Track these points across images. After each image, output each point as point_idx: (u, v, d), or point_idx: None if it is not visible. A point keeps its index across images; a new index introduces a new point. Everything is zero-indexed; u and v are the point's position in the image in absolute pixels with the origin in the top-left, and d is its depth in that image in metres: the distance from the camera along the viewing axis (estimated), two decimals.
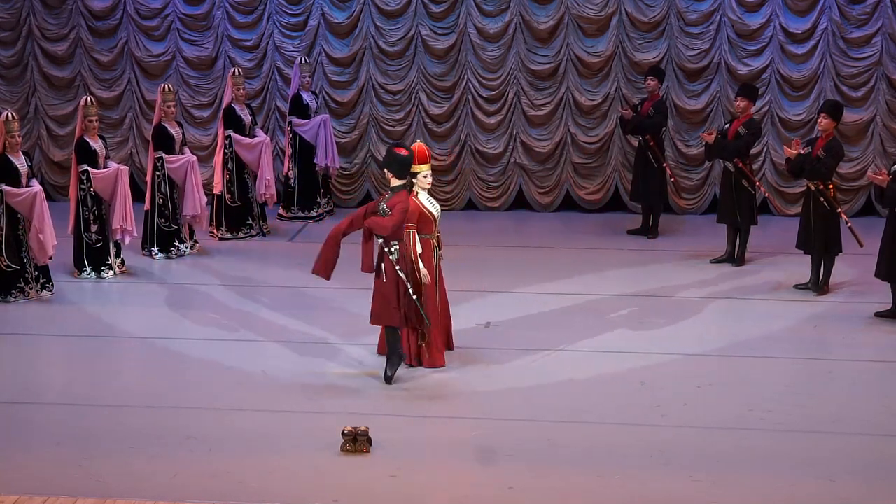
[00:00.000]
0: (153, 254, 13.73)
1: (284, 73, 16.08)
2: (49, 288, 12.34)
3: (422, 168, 10.28)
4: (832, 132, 12.26)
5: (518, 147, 16.06)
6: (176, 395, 9.89)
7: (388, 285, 9.93)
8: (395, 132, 16.16)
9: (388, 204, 9.95)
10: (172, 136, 13.68)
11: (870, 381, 10.36)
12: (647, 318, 11.70)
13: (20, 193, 11.99)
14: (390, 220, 9.83)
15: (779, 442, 8.96)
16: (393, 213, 9.84)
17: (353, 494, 8.17)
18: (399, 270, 9.89)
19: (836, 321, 11.65)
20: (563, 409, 9.60)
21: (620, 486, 8.28)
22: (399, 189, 10.04)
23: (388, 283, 9.93)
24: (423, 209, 10.31)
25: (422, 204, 10.32)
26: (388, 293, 9.95)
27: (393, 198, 9.97)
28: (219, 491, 8.16)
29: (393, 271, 9.92)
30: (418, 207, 10.27)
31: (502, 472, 8.51)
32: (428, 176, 10.35)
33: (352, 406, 9.57)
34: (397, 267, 9.90)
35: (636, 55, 15.66)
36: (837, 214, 12.20)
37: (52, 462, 8.62)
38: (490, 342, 11.06)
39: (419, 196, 10.32)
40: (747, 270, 13.28)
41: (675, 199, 15.73)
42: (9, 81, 16.52)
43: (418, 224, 10.26)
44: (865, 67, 15.38)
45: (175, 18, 16.21)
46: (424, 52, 15.99)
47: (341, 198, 16.29)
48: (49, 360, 11.02)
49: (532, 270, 13.17)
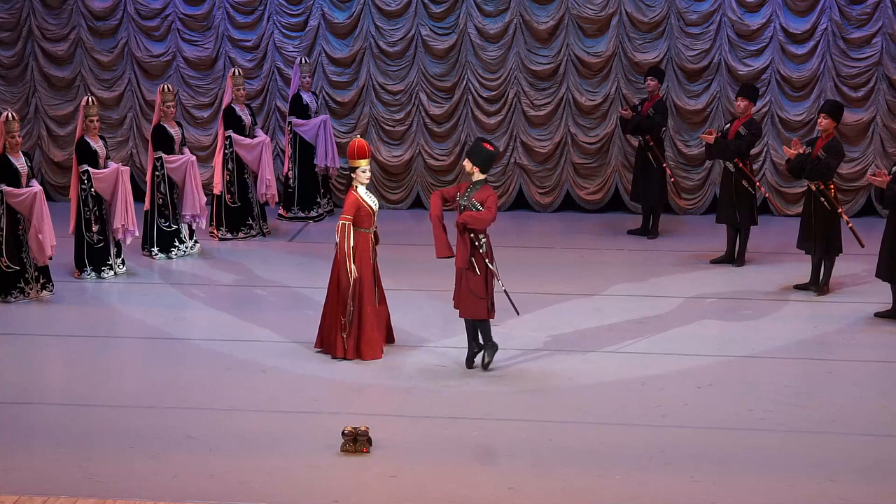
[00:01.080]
0: (153, 254, 13.73)
1: (284, 74, 16.08)
2: (49, 288, 12.34)
3: (360, 163, 10.44)
4: (832, 132, 12.26)
5: (518, 147, 16.07)
6: (176, 395, 9.90)
7: (479, 278, 10.08)
8: (396, 132, 16.17)
9: (476, 198, 10.08)
10: (172, 137, 13.68)
11: (870, 381, 10.37)
12: (647, 318, 11.70)
13: (20, 194, 11.99)
14: (488, 214, 10.01)
15: (779, 442, 8.97)
16: (489, 207, 10.01)
17: (353, 494, 8.18)
18: (489, 263, 10.06)
19: (836, 321, 11.65)
20: (563, 409, 9.60)
21: (620, 486, 8.29)
22: (482, 183, 10.15)
23: (479, 277, 10.08)
24: (363, 203, 10.44)
25: (361, 198, 10.44)
26: (478, 286, 10.07)
27: (479, 192, 10.10)
28: (219, 491, 8.16)
29: (483, 264, 10.06)
30: (358, 201, 10.40)
31: (502, 472, 8.51)
32: (367, 171, 10.50)
33: (352, 406, 9.58)
34: (487, 260, 10.09)
35: (636, 55, 15.66)
36: (838, 215, 12.20)
37: (52, 462, 8.62)
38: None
39: (358, 190, 10.45)
40: (747, 270, 13.28)
41: (675, 199, 15.73)
42: (9, 82, 16.52)
43: (357, 218, 10.38)
44: (865, 68, 15.38)
45: (175, 19, 16.21)
46: (424, 53, 15.99)
47: (341, 198, 16.27)
48: (49, 360, 11.01)
49: (532, 270, 13.17)
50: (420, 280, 12.79)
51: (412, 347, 10.93)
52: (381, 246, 10.80)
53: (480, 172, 10.17)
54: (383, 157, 16.23)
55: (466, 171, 10.28)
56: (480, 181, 10.17)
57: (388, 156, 16.23)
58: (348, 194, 10.44)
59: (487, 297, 10.13)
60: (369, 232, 10.53)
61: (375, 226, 10.62)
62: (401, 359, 10.67)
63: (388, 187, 16.32)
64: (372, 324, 10.53)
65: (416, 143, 16.20)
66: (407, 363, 10.58)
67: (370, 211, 10.48)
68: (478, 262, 10.11)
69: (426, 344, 11.01)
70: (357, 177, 10.43)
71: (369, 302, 10.49)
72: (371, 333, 10.53)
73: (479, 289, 10.09)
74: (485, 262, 10.10)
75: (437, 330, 11.34)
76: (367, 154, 10.52)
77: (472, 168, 10.17)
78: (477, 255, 10.11)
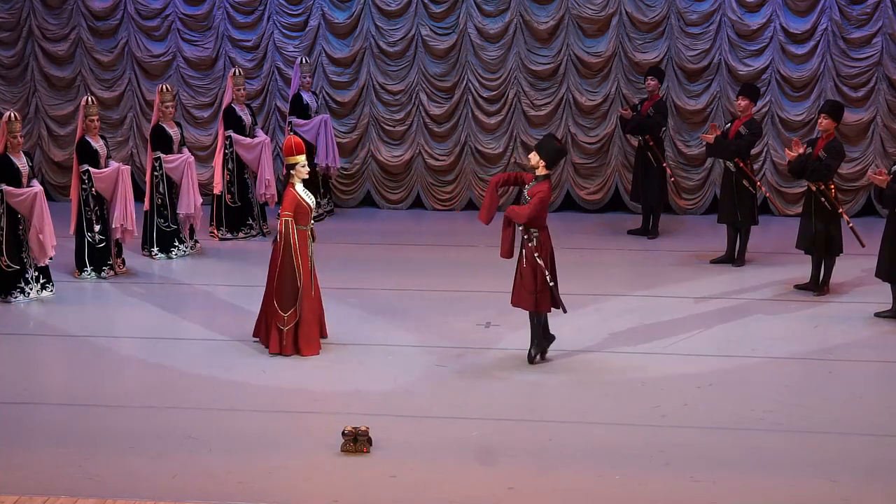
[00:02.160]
0: (153, 254, 13.73)
1: (285, 74, 16.08)
2: (49, 288, 12.34)
3: (298, 159, 10.57)
4: (833, 132, 12.26)
5: (518, 147, 16.07)
6: (176, 395, 9.90)
7: (527, 270, 10.14)
8: (396, 132, 16.17)
9: (529, 192, 10.14)
10: (170, 137, 13.68)
11: (870, 381, 10.37)
12: (647, 318, 11.70)
13: (21, 193, 11.99)
14: (527, 208, 10.05)
15: (779, 442, 8.97)
16: (532, 201, 10.04)
17: (353, 494, 8.18)
18: (537, 257, 10.09)
19: (836, 321, 11.65)
20: (563, 409, 9.61)
21: (620, 486, 8.29)
22: (543, 179, 10.16)
23: (527, 268, 10.14)
24: (300, 200, 10.53)
25: (299, 195, 10.54)
26: (527, 278, 10.15)
27: (535, 186, 10.14)
28: (219, 491, 8.16)
29: (532, 257, 10.08)
30: (296, 198, 10.49)
31: (502, 472, 8.51)
32: (305, 166, 10.62)
33: (352, 406, 9.58)
34: (536, 254, 10.10)
35: (636, 55, 15.66)
36: (839, 215, 12.20)
37: (52, 462, 8.63)
38: (490, 342, 11.06)
39: (296, 187, 10.55)
40: (747, 270, 13.28)
41: (675, 199, 15.73)
42: (9, 82, 16.52)
43: (296, 214, 10.46)
44: (866, 68, 15.38)
45: (175, 19, 16.21)
46: (425, 53, 15.99)
47: (341, 198, 16.30)
48: (49, 360, 11.02)
49: None
50: (420, 280, 12.80)
51: (412, 347, 10.92)
52: (381, 246, 10.81)
53: (545, 168, 10.16)
54: (383, 156, 16.23)
55: (531, 164, 10.25)
56: (543, 176, 10.17)
57: (388, 156, 16.23)
58: (287, 191, 10.55)
59: (536, 291, 10.16)
60: (306, 229, 10.62)
61: (312, 223, 10.70)
62: (400, 359, 10.67)
63: (388, 187, 16.32)
64: (310, 320, 10.64)
65: (416, 143, 16.20)
66: (407, 363, 10.57)
67: (308, 208, 10.59)
68: (527, 254, 10.16)
69: (426, 344, 11.00)
70: (296, 173, 10.57)
71: (307, 298, 10.58)
72: (309, 330, 10.64)
73: (529, 281, 10.17)
74: (533, 255, 10.12)
75: (436, 329, 11.34)
76: (303, 150, 10.69)
77: (537, 162, 10.15)
78: (527, 248, 10.16)
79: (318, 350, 10.68)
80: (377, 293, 12.48)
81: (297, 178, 10.57)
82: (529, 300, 10.22)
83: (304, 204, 10.55)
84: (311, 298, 10.62)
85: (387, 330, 11.36)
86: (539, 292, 10.17)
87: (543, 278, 10.15)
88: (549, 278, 10.15)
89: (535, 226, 10.14)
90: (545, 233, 10.24)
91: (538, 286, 10.16)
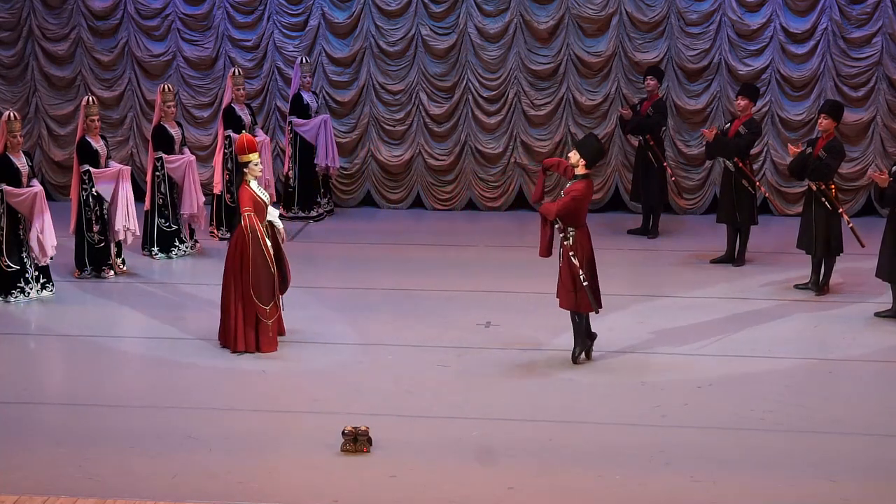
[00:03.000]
0: (153, 254, 13.73)
1: (285, 73, 16.08)
2: (49, 288, 12.34)
3: (251, 157, 10.67)
4: (833, 132, 12.26)
5: (518, 147, 16.07)
6: (176, 395, 9.90)
7: (565, 269, 10.19)
8: (396, 132, 16.17)
9: (565, 190, 10.21)
10: (172, 137, 13.68)
11: (870, 381, 10.37)
12: (647, 318, 11.70)
13: (21, 193, 11.99)
14: (556, 205, 10.12)
15: (779, 442, 8.97)
16: (563, 198, 10.09)
17: (353, 494, 8.18)
18: (573, 257, 10.10)
19: (836, 321, 11.65)
20: (563, 409, 9.60)
21: (620, 486, 8.29)
22: (581, 178, 10.18)
23: (564, 268, 10.19)
24: (256, 197, 10.62)
25: (254, 192, 10.63)
26: (565, 278, 10.21)
27: (573, 184, 10.18)
28: (219, 491, 8.16)
29: (567, 257, 10.14)
30: (252, 195, 10.58)
31: (502, 472, 8.50)
32: (259, 164, 10.77)
33: (352, 406, 9.58)
34: (571, 253, 10.11)
35: (636, 55, 15.66)
36: (839, 215, 12.20)
37: (52, 462, 8.62)
38: (490, 342, 11.06)
39: (251, 184, 10.64)
40: (747, 270, 13.28)
41: (675, 199, 15.73)
42: (9, 81, 16.52)
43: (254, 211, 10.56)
44: (866, 67, 15.38)
45: (175, 18, 16.21)
46: (425, 52, 15.99)
47: (341, 198, 16.29)
48: (49, 360, 11.02)
49: (532, 270, 13.14)
50: (420, 280, 12.80)
51: (412, 347, 10.92)
52: (381, 246, 10.81)
53: (585, 167, 10.18)
54: (383, 156, 16.23)
55: (571, 162, 10.26)
56: (581, 175, 10.18)
57: (388, 155, 16.23)
58: (241, 189, 10.63)
59: (575, 290, 10.17)
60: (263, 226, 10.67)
61: (268, 220, 10.74)
62: (400, 359, 10.67)
63: (388, 187, 16.32)
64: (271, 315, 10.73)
65: (416, 142, 16.20)
66: (406, 363, 10.57)
67: (263, 204, 10.67)
68: (563, 252, 10.18)
69: (426, 344, 11.00)
70: (250, 171, 10.66)
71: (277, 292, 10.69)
72: (271, 327, 10.68)
73: (567, 281, 10.19)
74: (568, 255, 10.13)
75: (437, 329, 11.34)
76: (256, 147, 10.79)
77: (578, 160, 10.16)
78: (563, 248, 10.17)
79: (276, 347, 10.73)
80: (377, 293, 12.48)
81: (250, 175, 10.66)
82: (569, 300, 10.24)
83: (260, 201, 10.65)
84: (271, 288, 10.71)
85: (386, 330, 11.35)
86: (578, 291, 10.17)
87: (579, 279, 10.14)
88: (583, 278, 10.12)
89: (571, 225, 10.13)
90: (583, 232, 10.23)
91: (576, 286, 10.16)
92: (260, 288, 10.55)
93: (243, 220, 10.52)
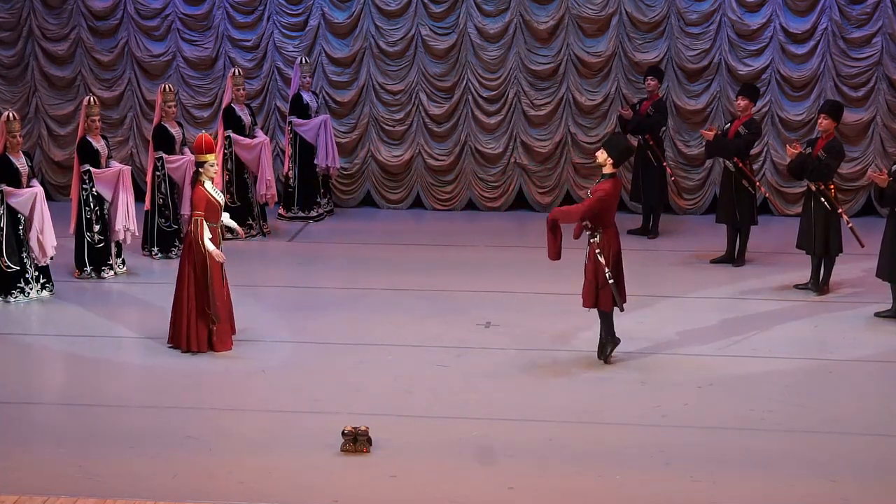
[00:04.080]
0: (153, 254, 13.73)
1: (284, 73, 16.08)
2: (49, 288, 12.34)
3: (208, 157, 10.68)
4: (832, 132, 12.26)
5: (518, 147, 16.07)
6: (176, 395, 9.89)
7: (590, 267, 10.25)
8: (396, 132, 16.17)
9: (592, 190, 10.26)
10: (173, 137, 13.69)
11: (870, 381, 10.37)
12: (646, 318, 11.69)
13: (20, 194, 11.99)
14: (582, 205, 10.20)
15: (779, 442, 8.97)
16: (590, 197, 10.12)
17: (353, 494, 8.17)
18: (599, 255, 10.14)
19: (836, 321, 11.65)
20: (563, 409, 9.60)
21: (620, 486, 8.28)
22: (609, 177, 10.19)
23: (589, 266, 10.25)
24: (210, 198, 10.64)
25: (209, 193, 10.65)
26: (590, 276, 10.27)
27: (600, 184, 10.20)
28: (219, 491, 8.16)
29: (594, 255, 10.19)
30: (206, 196, 10.59)
31: (502, 472, 8.50)
32: (215, 165, 10.80)
33: (352, 406, 9.57)
34: (598, 251, 10.15)
35: (636, 55, 15.66)
36: (838, 215, 12.20)
37: (52, 462, 8.62)
38: (489, 342, 11.06)
39: (205, 185, 10.66)
40: (747, 270, 13.28)
41: (675, 199, 15.73)
42: (9, 81, 16.52)
43: (206, 212, 10.56)
44: (865, 67, 15.38)
45: (175, 18, 16.22)
46: (424, 52, 15.99)
47: (341, 198, 16.29)
48: (49, 360, 11.01)
49: (532, 270, 13.16)
50: (420, 280, 12.80)
51: (412, 347, 10.92)
52: (381, 246, 10.80)
53: (612, 166, 10.18)
54: (383, 156, 16.23)
55: (598, 162, 10.27)
56: (608, 175, 10.19)
57: (388, 156, 16.23)
58: (196, 190, 10.63)
59: (598, 287, 10.21)
60: (217, 226, 10.72)
61: (222, 221, 10.79)
62: (400, 359, 10.67)
63: (388, 187, 16.32)
64: (223, 318, 10.72)
65: (416, 142, 16.20)
66: (407, 363, 10.57)
67: (217, 205, 10.69)
68: (590, 252, 10.23)
69: (426, 344, 11.00)
70: (205, 171, 10.68)
71: (219, 296, 10.66)
72: (222, 326, 10.72)
73: (591, 279, 10.26)
74: (595, 253, 10.17)
75: (437, 329, 11.34)
76: (214, 148, 10.83)
77: (605, 160, 10.17)
78: (590, 245, 10.22)
79: (230, 346, 10.75)
80: (377, 293, 12.48)
81: (205, 176, 10.67)
82: (591, 297, 10.29)
83: (214, 201, 10.67)
84: (222, 296, 10.71)
85: (387, 330, 11.35)
86: (601, 289, 10.20)
87: (604, 276, 10.14)
88: (608, 276, 10.13)
89: (600, 223, 10.15)
90: (611, 231, 10.26)
91: (598, 283, 10.18)
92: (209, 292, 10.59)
93: (192, 224, 10.57)
